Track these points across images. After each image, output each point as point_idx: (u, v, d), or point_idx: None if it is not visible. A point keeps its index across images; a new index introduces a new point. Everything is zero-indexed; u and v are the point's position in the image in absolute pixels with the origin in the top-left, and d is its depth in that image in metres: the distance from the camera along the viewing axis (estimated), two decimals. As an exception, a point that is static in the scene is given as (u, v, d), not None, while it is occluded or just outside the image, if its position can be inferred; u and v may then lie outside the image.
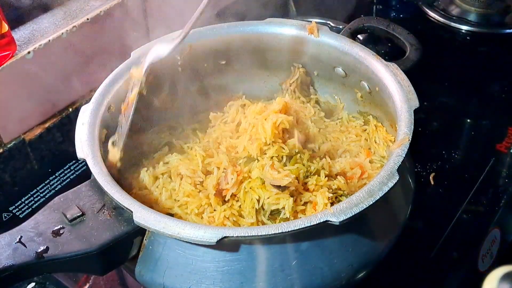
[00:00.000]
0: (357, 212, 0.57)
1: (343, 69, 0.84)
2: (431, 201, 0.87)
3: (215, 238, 0.56)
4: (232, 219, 0.68)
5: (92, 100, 0.73)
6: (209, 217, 0.69)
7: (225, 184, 0.70)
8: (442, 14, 1.23)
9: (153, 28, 1.04)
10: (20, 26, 0.92)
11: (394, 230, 0.69)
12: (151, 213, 0.59)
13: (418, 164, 0.91)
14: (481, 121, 1.02)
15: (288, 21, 0.85)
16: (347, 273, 0.64)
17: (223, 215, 0.68)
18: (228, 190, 0.69)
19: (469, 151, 0.96)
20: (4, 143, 0.88)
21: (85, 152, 0.66)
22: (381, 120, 0.82)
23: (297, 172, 0.69)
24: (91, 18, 0.94)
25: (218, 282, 0.61)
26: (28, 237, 0.59)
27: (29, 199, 0.92)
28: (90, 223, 0.61)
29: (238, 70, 0.89)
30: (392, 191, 0.60)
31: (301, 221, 0.57)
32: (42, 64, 0.88)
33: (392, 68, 0.75)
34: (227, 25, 0.85)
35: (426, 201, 0.85)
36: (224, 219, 0.68)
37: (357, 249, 0.64)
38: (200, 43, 0.84)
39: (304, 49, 0.85)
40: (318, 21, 0.85)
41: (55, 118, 0.94)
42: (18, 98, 0.88)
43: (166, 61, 0.82)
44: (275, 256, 0.61)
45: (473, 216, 0.85)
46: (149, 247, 0.63)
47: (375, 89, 0.79)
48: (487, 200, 0.87)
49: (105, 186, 0.62)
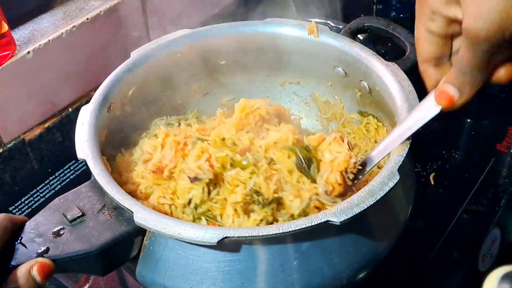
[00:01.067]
0: (358, 212, 0.57)
1: (343, 68, 0.84)
2: (431, 201, 0.87)
3: (216, 238, 0.56)
4: (169, 196, 0.68)
5: (92, 100, 0.73)
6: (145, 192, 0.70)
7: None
8: (442, 14, 1.22)
9: (153, 28, 1.04)
10: (20, 26, 0.92)
11: (394, 230, 0.69)
12: (151, 213, 0.59)
13: (418, 164, 0.91)
14: (481, 121, 1.02)
15: (288, 21, 0.85)
16: (348, 273, 0.64)
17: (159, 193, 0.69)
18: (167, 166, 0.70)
19: (469, 151, 0.96)
20: (4, 143, 0.88)
21: (85, 152, 0.66)
22: (381, 119, 0.82)
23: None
24: (91, 18, 0.94)
25: (219, 282, 0.61)
26: (29, 238, 0.59)
27: (29, 199, 0.92)
28: (90, 224, 0.61)
29: (237, 70, 0.89)
30: (392, 191, 0.60)
31: (302, 221, 0.57)
32: (42, 64, 0.88)
33: (392, 68, 0.75)
34: (227, 25, 0.85)
35: (426, 201, 0.85)
36: (160, 197, 0.68)
37: (357, 249, 0.64)
38: (200, 43, 0.84)
39: (304, 49, 0.85)
40: (318, 21, 0.85)
41: (55, 118, 0.94)
42: (18, 98, 0.88)
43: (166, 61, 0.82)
44: (276, 256, 0.61)
45: (473, 216, 0.85)
46: (149, 247, 0.63)
47: (375, 89, 0.79)
48: (487, 200, 0.87)
49: (106, 186, 0.62)
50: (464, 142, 0.99)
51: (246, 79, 0.91)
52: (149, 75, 0.81)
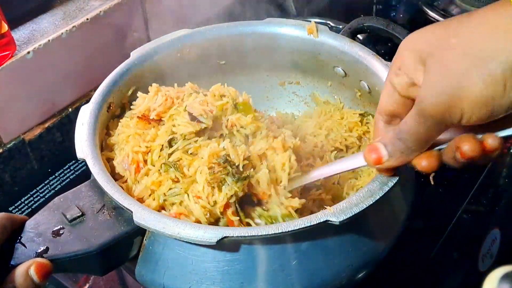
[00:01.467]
0: (357, 211, 0.57)
1: (343, 68, 0.84)
2: (431, 201, 0.87)
3: (215, 238, 0.56)
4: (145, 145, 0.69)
5: (92, 100, 0.73)
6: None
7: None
8: (442, 14, 1.22)
9: (153, 28, 1.04)
10: (20, 26, 0.92)
11: (394, 230, 0.69)
12: (151, 213, 0.59)
13: (418, 164, 0.91)
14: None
15: (288, 21, 0.85)
16: (347, 273, 0.64)
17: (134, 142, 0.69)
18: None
19: (469, 151, 0.96)
20: (4, 143, 0.88)
21: (85, 152, 0.66)
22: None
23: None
24: (91, 18, 0.94)
25: (218, 282, 0.61)
26: (28, 237, 0.59)
27: (29, 199, 0.92)
28: (90, 223, 0.61)
29: (237, 70, 0.89)
30: (392, 191, 0.60)
31: (301, 221, 0.57)
32: (42, 64, 0.88)
33: (392, 68, 0.75)
34: (226, 25, 0.86)
35: (426, 201, 0.85)
36: (134, 146, 0.69)
37: (357, 249, 0.64)
38: (200, 43, 0.84)
39: (304, 49, 0.85)
40: (317, 21, 0.85)
41: (55, 118, 0.94)
42: (18, 98, 0.88)
43: (166, 60, 0.82)
44: (275, 256, 0.61)
45: (473, 216, 0.85)
46: (149, 247, 0.63)
47: (374, 88, 0.79)
48: (487, 200, 0.87)
49: (105, 186, 0.62)
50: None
51: (246, 79, 0.91)
52: (149, 75, 0.81)
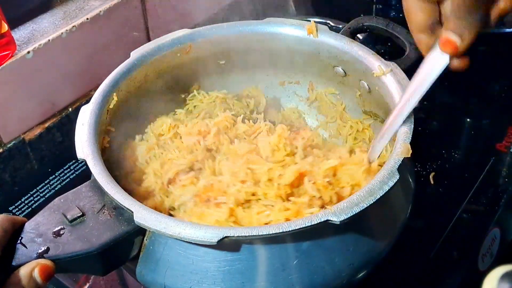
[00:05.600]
0: (358, 211, 0.57)
1: (343, 68, 0.84)
2: (431, 201, 0.87)
3: (216, 238, 0.56)
4: None
5: (92, 100, 0.73)
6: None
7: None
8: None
9: (153, 28, 1.04)
10: (20, 26, 0.92)
11: (394, 230, 0.69)
12: (151, 213, 0.59)
13: (418, 164, 0.91)
14: (481, 120, 1.02)
15: (288, 21, 0.85)
16: (348, 273, 0.64)
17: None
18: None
19: (469, 151, 0.96)
20: (4, 143, 0.88)
21: (85, 152, 0.66)
22: (381, 119, 0.82)
23: None
24: (91, 18, 0.94)
25: (219, 282, 0.61)
26: (29, 238, 0.59)
27: (29, 199, 0.92)
28: (90, 224, 0.61)
29: (237, 70, 0.89)
30: (392, 191, 0.60)
31: (302, 221, 0.57)
32: (42, 64, 0.88)
33: (392, 67, 0.75)
34: (226, 25, 0.85)
35: (426, 201, 0.85)
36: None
37: (357, 248, 0.64)
38: (200, 43, 0.84)
39: (304, 48, 0.85)
40: (317, 21, 0.85)
41: (55, 118, 0.94)
42: (18, 98, 0.88)
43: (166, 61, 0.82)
44: (276, 255, 0.61)
45: (473, 216, 0.85)
46: (150, 247, 0.63)
47: (374, 88, 0.79)
48: (487, 200, 0.87)
49: (106, 186, 0.62)
50: (463, 142, 0.99)
51: (246, 79, 0.91)
52: (149, 75, 0.81)
